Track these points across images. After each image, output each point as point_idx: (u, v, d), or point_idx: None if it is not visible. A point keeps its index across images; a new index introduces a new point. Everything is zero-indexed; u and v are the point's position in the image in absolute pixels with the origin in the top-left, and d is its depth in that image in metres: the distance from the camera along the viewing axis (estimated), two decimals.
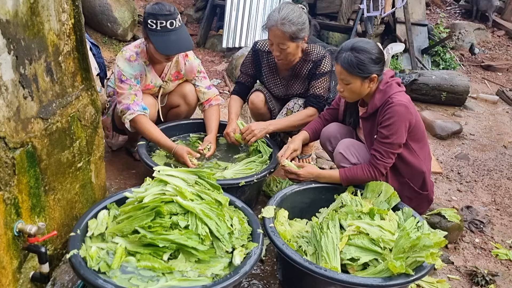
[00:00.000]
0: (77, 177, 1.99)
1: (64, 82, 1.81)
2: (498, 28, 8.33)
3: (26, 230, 1.57)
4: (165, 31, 2.51)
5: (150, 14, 2.49)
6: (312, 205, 2.33)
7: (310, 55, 2.88)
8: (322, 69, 2.88)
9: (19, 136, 1.53)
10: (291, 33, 2.64)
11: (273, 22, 2.65)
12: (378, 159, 2.27)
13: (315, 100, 2.91)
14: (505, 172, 3.84)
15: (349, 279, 1.78)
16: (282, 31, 2.63)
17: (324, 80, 2.91)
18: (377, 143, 2.29)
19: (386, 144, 2.26)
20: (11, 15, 1.44)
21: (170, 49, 2.56)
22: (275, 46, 2.72)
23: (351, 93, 2.33)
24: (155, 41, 2.53)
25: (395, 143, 2.26)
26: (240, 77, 3.11)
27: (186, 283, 1.65)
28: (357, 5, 6.00)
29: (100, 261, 1.70)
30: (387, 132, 2.25)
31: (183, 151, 2.58)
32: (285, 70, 2.97)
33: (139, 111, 2.62)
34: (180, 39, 2.57)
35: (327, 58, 2.90)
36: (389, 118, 2.24)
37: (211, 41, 6.51)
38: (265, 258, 2.32)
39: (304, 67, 2.91)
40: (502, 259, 2.68)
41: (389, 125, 2.24)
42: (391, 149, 2.27)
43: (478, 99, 5.70)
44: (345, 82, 2.29)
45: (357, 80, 2.26)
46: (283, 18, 2.62)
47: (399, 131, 2.25)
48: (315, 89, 2.92)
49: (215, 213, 1.84)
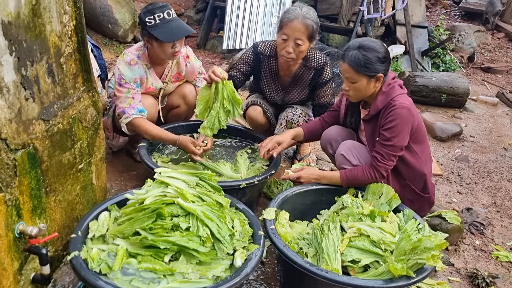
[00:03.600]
0: (78, 179, 1.99)
1: (66, 83, 1.81)
2: (498, 30, 8.34)
3: (27, 232, 1.57)
4: (165, 22, 2.58)
5: (147, 12, 2.57)
6: (313, 207, 2.33)
7: (310, 61, 2.87)
8: (325, 77, 2.89)
9: (20, 138, 1.53)
10: (312, 29, 2.64)
11: (296, 15, 2.63)
12: (380, 161, 2.27)
13: (321, 110, 2.93)
14: (505, 174, 3.84)
15: (350, 281, 1.78)
16: (305, 24, 2.62)
17: (328, 87, 2.92)
18: (379, 145, 2.29)
19: (388, 147, 2.26)
20: (13, 16, 1.44)
21: (175, 35, 2.60)
22: (290, 42, 2.68)
23: (356, 92, 2.33)
24: (158, 34, 2.56)
25: (397, 145, 2.26)
26: (232, 71, 2.96)
27: (187, 285, 1.65)
28: (358, 7, 6.01)
29: (101, 263, 1.70)
30: (389, 134, 2.25)
31: (187, 140, 2.60)
32: (286, 76, 2.95)
33: (134, 115, 2.62)
34: (180, 25, 2.65)
35: (328, 65, 2.90)
36: (392, 121, 2.24)
37: (211, 42, 6.51)
38: (266, 260, 2.32)
39: (305, 75, 2.90)
40: (502, 261, 2.68)
41: (392, 127, 2.24)
42: (392, 152, 2.27)
43: (478, 101, 5.71)
44: (351, 80, 2.29)
45: (363, 79, 2.26)
46: (305, 13, 2.63)
47: (402, 133, 2.25)
48: (320, 98, 2.92)
49: (216, 215, 1.84)
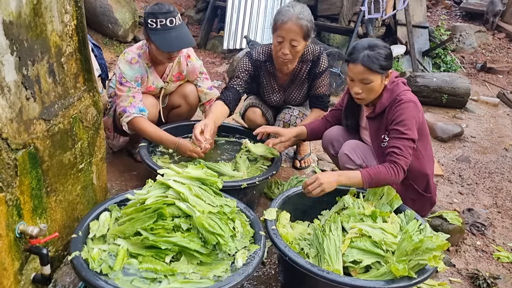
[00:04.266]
0: (79, 179, 1.98)
1: (67, 83, 1.81)
2: (498, 30, 8.33)
3: (28, 232, 1.57)
4: (166, 29, 2.53)
5: (150, 14, 2.53)
6: (314, 207, 2.32)
7: (305, 54, 2.86)
8: (321, 67, 2.87)
9: (21, 137, 1.53)
10: (306, 29, 2.63)
11: (289, 17, 2.61)
12: (398, 154, 2.19)
13: (318, 101, 2.92)
14: (506, 175, 3.84)
15: (351, 281, 1.77)
16: (299, 25, 2.60)
17: (325, 77, 2.91)
18: (393, 140, 2.23)
19: (405, 140, 2.21)
20: (14, 16, 1.43)
21: (171, 46, 2.57)
22: (286, 43, 2.66)
23: (369, 93, 2.29)
24: (156, 39, 2.54)
25: (411, 138, 2.22)
26: (233, 81, 2.87)
27: (188, 285, 1.64)
28: (358, 7, 6.01)
29: (102, 263, 1.69)
30: (402, 128, 2.22)
31: (187, 143, 2.59)
32: (284, 75, 2.94)
33: (135, 114, 2.61)
34: (181, 36, 2.58)
35: (323, 55, 2.89)
36: (401, 114, 2.22)
37: (212, 42, 6.51)
38: (267, 261, 2.31)
39: (302, 69, 2.89)
40: (503, 262, 2.68)
41: (403, 121, 2.22)
42: (409, 144, 2.22)
43: (479, 102, 5.70)
44: (365, 81, 2.24)
45: (378, 77, 2.24)
46: (299, 13, 2.61)
47: (412, 127, 2.23)
48: (317, 89, 2.91)
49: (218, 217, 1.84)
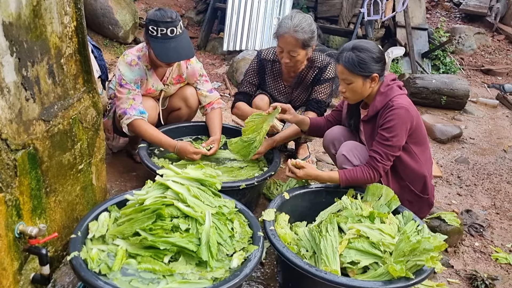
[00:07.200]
0: (78, 179, 1.99)
1: (66, 84, 1.82)
2: (498, 32, 8.34)
3: (27, 232, 1.57)
4: (166, 39, 2.50)
5: (152, 21, 2.49)
6: (312, 208, 2.33)
7: (315, 61, 2.92)
8: (326, 75, 2.92)
9: (21, 138, 1.54)
10: (303, 41, 2.66)
11: (286, 29, 2.66)
12: (378, 161, 2.27)
13: (316, 105, 2.94)
14: (505, 176, 3.85)
15: (349, 282, 1.78)
16: (295, 38, 2.65)
17: (327, 86, 2.94)
18: (377, 144, 2.30)
19: (387, 146, 2.27)
20: (14, 17, 1.44)
21: (169, 57, 2.56)
22: (285, 53, 2.73)
23: (352, 93, 2.34)
24: (155, 47, 2.53)
25: (395, 145, 2.27)
26: (244, 86, 3.06)
27: (187, 285, 1.65)
28: (358, 9, 6.02)
29: (100, 263, 1.70)
30: (387, 134, 2.26)
31: (187, 146, 2.60)
32: (290, 77, 2.99)
33: (135, 116, 2.61)
34: (180, 47, 2.56)
35: (332, 65, 2.93)
36: (390, 121, 2.25)
37: (211, 44, 6.52)
38: (265, 261, 2.32)
39: (309, 74, 2.95)
40: (501, 263, 2.68)
41: (390, 127, 2.25)
42: (391, 152, 2.27)
43: (478, 103, 5.71)
44: (347, 81, 2.30)
45: (358, 79, 2.27)
46: (296, 25, 2.65)
47: (400, 133, 2.26)
48: (317, 94, 2.94)
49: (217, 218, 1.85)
